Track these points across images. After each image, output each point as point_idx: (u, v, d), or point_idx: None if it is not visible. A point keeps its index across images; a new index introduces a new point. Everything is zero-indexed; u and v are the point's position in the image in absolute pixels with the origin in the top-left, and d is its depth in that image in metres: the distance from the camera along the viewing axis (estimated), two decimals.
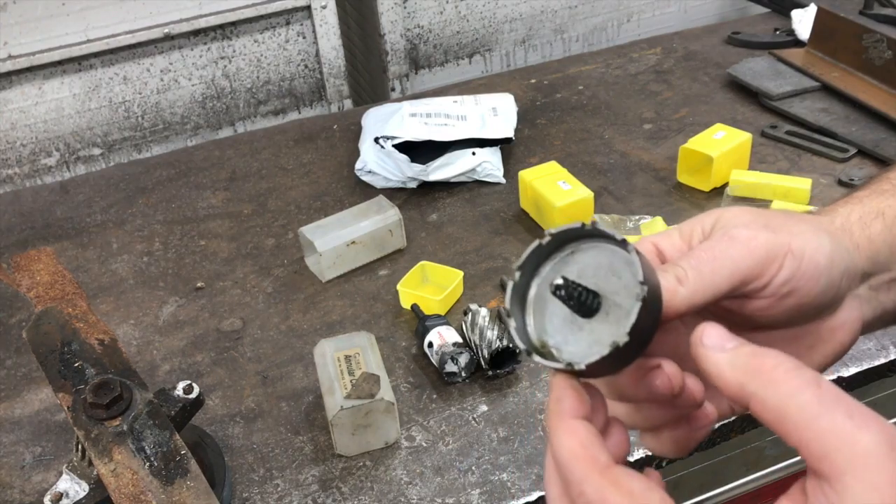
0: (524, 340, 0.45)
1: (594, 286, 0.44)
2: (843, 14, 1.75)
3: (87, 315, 0.92)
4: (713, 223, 0.51)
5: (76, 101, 1.91)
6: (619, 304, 0.43)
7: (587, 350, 0.43)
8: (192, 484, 0.78)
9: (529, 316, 0.46)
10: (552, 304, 0.45)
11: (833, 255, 0.50)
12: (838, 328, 0.53)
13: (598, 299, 0.44)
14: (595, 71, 1.94)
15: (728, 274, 0.46)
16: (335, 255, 1.32)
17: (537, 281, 0.46)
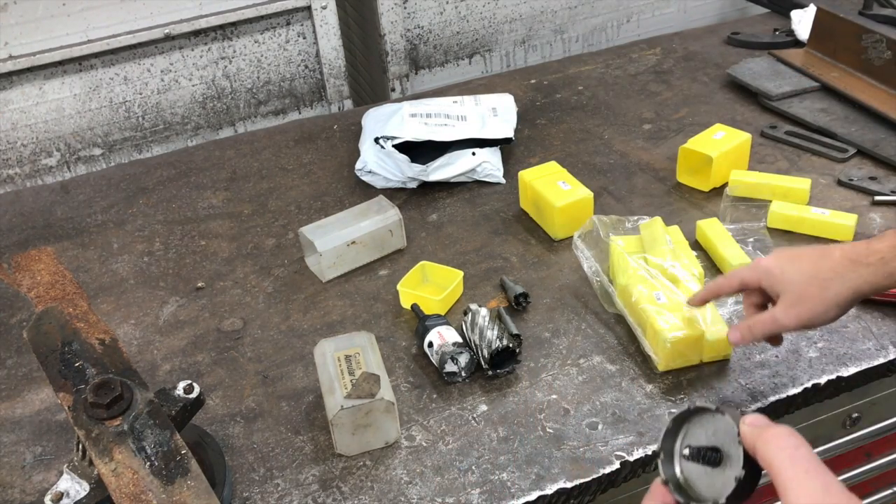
0: (668, 475, 0.64)
1: (718, 444, 0.62)
2: (842, 14, 1.75)
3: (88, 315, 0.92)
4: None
5: (77, 101, 1.91)
6: (733, 460, 0.61)
7: (708, 491, 0.62)
8: (192, 483, 0.78)
9: (676, 457, 0.65)
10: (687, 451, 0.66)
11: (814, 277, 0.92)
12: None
13: (719, 454, 0.62)
14: (595, 71, 1.94)
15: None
16: (335, 255, 1.32)
17: (684, 431, 0.66)
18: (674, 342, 1.06)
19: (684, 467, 0.64)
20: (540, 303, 1.24)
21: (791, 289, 0.93)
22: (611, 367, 1.12)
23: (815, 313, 0.92)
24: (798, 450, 0.56)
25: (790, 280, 0.94)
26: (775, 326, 0.95)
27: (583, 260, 1.24)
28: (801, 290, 0.93)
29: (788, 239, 1.32)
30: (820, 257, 0.94)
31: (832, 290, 0.91)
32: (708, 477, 0.62)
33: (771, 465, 0.56)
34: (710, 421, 0.63)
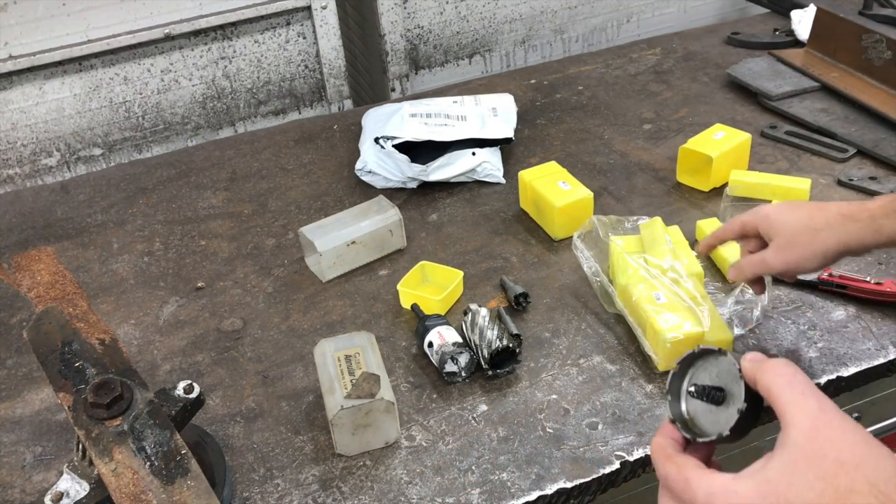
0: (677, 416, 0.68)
1: (723, 384, 0.66)
2: (842, 14, 1.75)
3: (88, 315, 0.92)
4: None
5: (77, 101, 1.91)
6: (735, 398, 0.64)
7: (711, 427, 0.66)
8: (192, 483, 0.78)
9: (682, 397, 0.69)
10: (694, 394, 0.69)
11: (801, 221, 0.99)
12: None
13: (723, 393, 0.66)
14: (595, 71, 1.94)
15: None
16: (335, 255, 1.32)
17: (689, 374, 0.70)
18: (674, 342, 1.06)
19: (689, 406, 0.68)
20: (540, 303, 1.24)
21: (783, 233, 1.00)
22: (611, 367, 1.12)
23: (801, 259, 0.98)
24: (795, 376, 0.59)
25: (784, 226, 1.00)
26: (764, 267, 1.03)
27: (582, 260, 1.24)
28: (792, 236, 0.99)
29: None
30: (816, 209, 1.00)
31: (821, 239, 0.97)
32: (712, 415, 0.66)
33: (770, 391, 0.59)
34: (713, 364, 0.67)
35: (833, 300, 1.19)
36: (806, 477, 0.54)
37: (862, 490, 0.52)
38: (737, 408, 0.63)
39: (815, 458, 0.54)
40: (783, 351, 1.12)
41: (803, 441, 0.55)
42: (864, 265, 1.25)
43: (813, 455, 0.54)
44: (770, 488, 0.55)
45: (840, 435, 0.55)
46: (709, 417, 0.66)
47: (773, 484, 0.55)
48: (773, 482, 0.55)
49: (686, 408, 0.68)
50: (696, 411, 0.67)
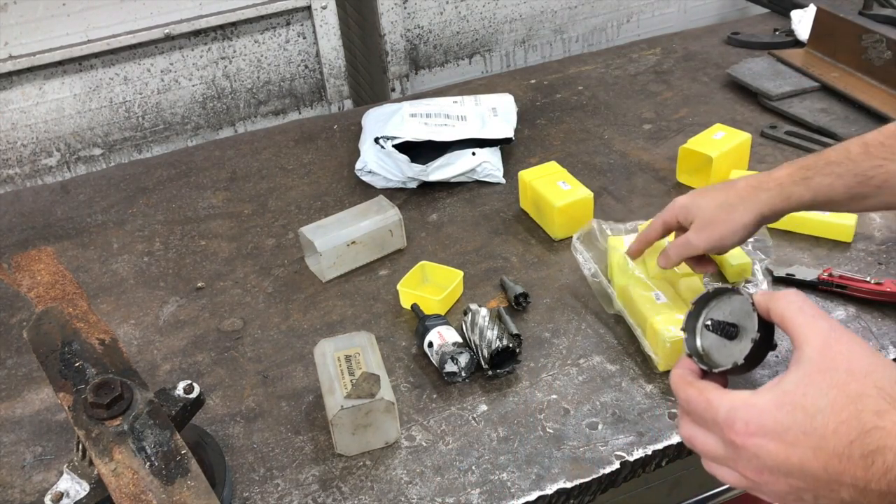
0: (693, 351, 0.71)
1: (735, 320, 0.70)
2: (842, 14, 1.75)
3: (88, 315, 0.92)
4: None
5: (77, 101, 1.91)
6: (748, 333, 0.68)
7: (724, 359, 0.70)
8: (192, 483, 0.78)
9: (697, 334, 0.73)
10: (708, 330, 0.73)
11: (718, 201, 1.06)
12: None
13: (736, 329, 0.69)
14: (595, 71, 1.94)
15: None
16: (335, 255, 1.32)
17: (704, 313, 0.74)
18: (673, 342, 1.06)
19: (704, 342, 0.72)
20: (540, 303, 1.24)
21: (701, 215, 1.06)
22: (611, 367, 1.12)
23: (722, 234, 1.05)
24: (805, 302, 0.64)
25: (700, 209, 1.07)
26: (689, 248, 1.08)
27: (581, 262, 1.24)
28: (710, 216, 1.05)
29: (788, 239, 1.32)
30: (726, 188, 1.07)
31: (737, 213, 1.03)
32: (725, 349, 0.69)
33: (783, 317, 0.64)
34: (727, 302, 0.71)
35: (833, 300, 1.19)
36: (819, 386, 0.58)
37: (871, 394, 0.57)
38: (750, 338, 0.66)
39: (827, 370, 0.59)
40: (783, 350, 1.12)
41: (816, 356, 0.60)
42: (864, 265, 1.25)
43: (826, 368, 0.59)
44: (787, 398, 0.59)
45: (849, 349, 0.60)
46: (722, 351, 0.70)
47: (789, 395, 0.59)
48: (789, 393, 0.59)
49: (701, 343, 0.72)
50: (711, 346, 0.71)
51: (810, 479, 0.58)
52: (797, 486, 0.59)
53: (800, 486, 0.59)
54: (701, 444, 0.65)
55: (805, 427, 0.58)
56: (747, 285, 1.20)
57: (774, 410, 0.59)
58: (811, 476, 0.58)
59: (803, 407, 0.58)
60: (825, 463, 0.57)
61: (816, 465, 0.57)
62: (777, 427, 0.59)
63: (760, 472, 0.60)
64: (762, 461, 0.60)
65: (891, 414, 0.56)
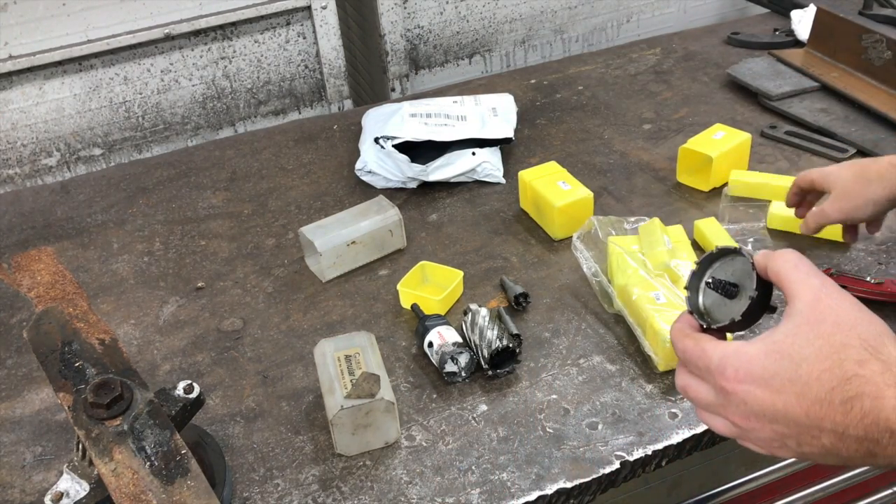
0: (694, 308, 0.73)
1: (736, 280, 0.71)
2: (842, 14, 1.75)
3: (88, 315, 0.92)
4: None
5: (77, 101, 1.91)
6: (747, 292, 0.69)
7: (723, 316, 0.71)
8: (192, 483, 0.78)
9: (700, 292, 0.74)
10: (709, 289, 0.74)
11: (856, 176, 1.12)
12: None
13: (737, 288, 0.71)
14: (595, 71, 1.94)
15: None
16: (335, 255, 1.32)
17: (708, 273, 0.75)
18: None
19: (706, 300, 0.74)
20: (540, 303, 1.24)
21: (839, 185, 1.14)
22: (611, 367, 1.12)
23: (856, 206, 1.12)
24: (801, 260, 0.66)
25: (840, 179, 1.14)
26: (823, 217, 1.16)
27: (582, 261, 1.24)
28: (847, 187, 1.13)
29: (788, 239, 1.32)
30: (870, 162, 1.14)
31: (872, 188, 1.10)
32: (725, 307, 0.72)
33: (778, 274, 0.66)
34: (729, 263, 0.73)
35: None
36: (807, 336, 0.61)
37: (854, 344, 0.59)
38: (748, 296, 0.68)
39: (815, 322, 0.61)
40: None
41: (806, 310, 0.62)
42: (864, 265, 1.25)
43: (814, 320, 0.61)
44: (775, 347, 0.62)
45: (838, 303, 0.62)
46: (722, 309, 0.72)
47: (778, 344, 0.62)
48: (778, 342, 0.62)
49: (703, 301, 0.74)
50: (712, 304, 0.73)
51: (793, 425, 0.61)
52: (781, 433, 0.62)
53: (784, 431, 0.61)
54: (694, 392, 0.68)
55: (790, 374, 0.60)
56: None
57: (763, 358, 0.62)
58: (794, 422, 0.60)
59: (790, 355, 0.61)
60: (807, 409, 0.59)
61: (799, 411, 0.60)
62: (764, 374, 0.61)
63: (747, 417, 0.63)
64: (749, 407, 0.62)
65: (870, 363, 0.58)
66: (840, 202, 1.13)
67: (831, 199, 1.14)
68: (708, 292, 0.74)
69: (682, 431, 1.02)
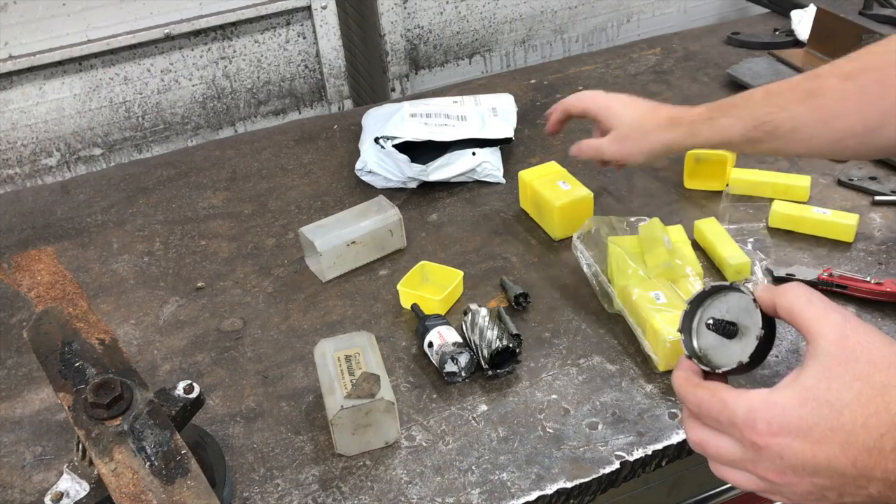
0: (690, 350, 0.70)
1: (734, 318, 0.68)
2: (842, 14, 1.75)
3: (88, 315, 0.92)
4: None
5: (77, 101, 1.92)
6: (749, 330, 0.66)
7: (726, 359, 0.68)
8: (192, 483, 0.78)
9: (694, 334, 0.71)
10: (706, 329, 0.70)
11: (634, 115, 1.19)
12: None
13: (735, 327, 0.67)
14: (595, 71, 1.94)
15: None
16: (335, 255, 1.32)
17: (700, 313, 0.71)
18: (674, 342, 1.06)
19: (702, 342, 0.70)
20: (540, 303, 1.24)
21: (620, 129, 1.20)
22: (611, 367, 1.12)
23: (630, 153, 1.20)
24: (813, 294, 0.62)
25: (621, 121, 1.20)
26: (598, 153, 1.25)
27: (582, 261, 1.24)
28: (626, 133, 1.19)
29: (788, 239, 1.32)
30: (651, 111, 1.19)
31: (649, 140, 1.17)
32: (724, 348, 0.67)
33: (791, 311, 0.62)
34: (723, 300, 0.69)
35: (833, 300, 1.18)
36: (843, 379, 0.56)
37: None
38: (755, 335, 0.64)
39: (848, 361, 0.57)
40: (783, 351, 1.12)
41: (834, 349, 0.58)
42: (864, 265, 1.25)
43: (846, 360, 0.57)
44: (809, 394, 0.57)
45: (867, 339, 0.58)
46: (721, 351, 0.68)
47: (811, 390, 0.57)
48: (811, 388, 0.57)
49: (698, 343, 0.70)
50: (709, 346, 0.69)
51: (837, 477, 0.56)
52: (822, 485, 0.57)
53: (825, 484, 0.57)
54: (714, 448, 0.62)
55: (832, 423, 0.56)
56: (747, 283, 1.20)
57: (798, 407, 0.57)
58: (838, 473, 0.56)
59: (828, 402, 0.56)
60: (854, 458, 0.55)
61: (845, 462, 0.56)
62: (802, 425, 0.57)
63: (783, 472, 0.58)
64: (786, 461, 0.58)
65: None
66: (618, 144, 1.20)
67: (610, 139, 1.21)
68: (704, 333, 0.70)
69: (682, 431, 1.02)
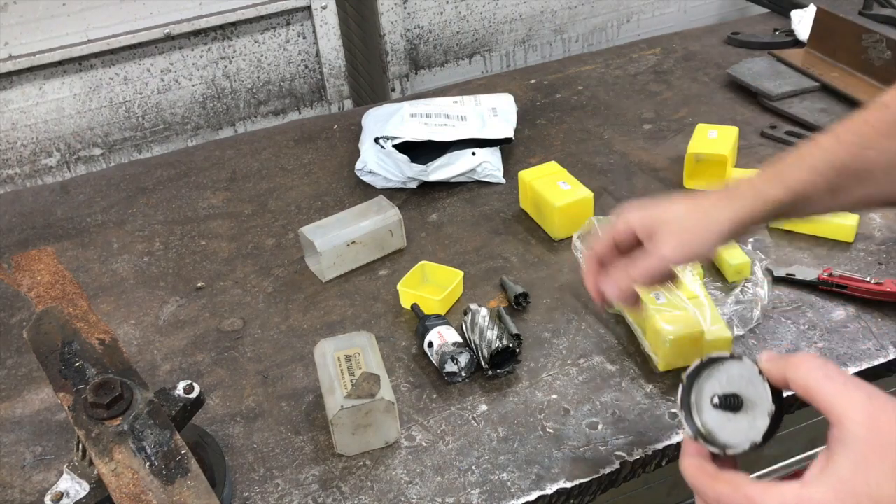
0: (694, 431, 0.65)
1: (736, 390, 0.63)
2: (842, 14, 1.75)
3: (88, 315, 0.92)
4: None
5: (77, 101, 1.91)
6: (755, 403, 0.62)
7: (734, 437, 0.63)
8: (192, 483, 0.78)
9: (694, 411, 0.66)
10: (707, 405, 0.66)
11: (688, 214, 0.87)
12: None
13: (740, 399, 0.63)
14: (595, 71, 1.94)
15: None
16: (335, 255, 1.32)
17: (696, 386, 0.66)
18: (673, 342, 1.06)
19: (704, 419, 0.65)
20: (540, 303, 1.24)
21: (673, 219, 0.87)
22: (611, 367, 1.12)
23: (697, 241, 0.86)
24: (829, 368, 0.57)
25: (672, 213, 0.88)
26: (658, 261, 0.86)
27: (582, 261, 1.24)
28: (682, 221, 0.87)
29: (788, 239, 1.32)
30: (694, 197, 0.90)
31: (713, 216, 0.86)
32: (731, 423, 0.63)
33: (808, 388, 0.57)
34: (721, 370, 0.65)
35: (833, 300, 1.19)
36: (881, 469, 0.52)
37: None
38: (767, 411, 0.60)
39: (883, 447, 0.53)
40: (783, 351, 1.12)
41: (864, 433, 0.53)
42: (864, 265, 1.25)
43: (881, 445, 0.53)
44: (847, 487, 0.53)
45: None
46: (727, 428, 0.63)
47: (848, 483, 0.53)
48: (848, 481, 0.53)
49: (700, 421, 0.65)
50: (713, 423, 0.64)
51: None
52: None
53: None
54: None
55: None
56: (747, 284, 1.20)
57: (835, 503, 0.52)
58: None
59: (869, 496, 0.52)
60: None
61: None
62: None
63: None
64: None
65: None
66: (678, 236, 0.86)
67: (664, 236, 0.87)
68: (707, 409, 0.65)
69: (682, 432, 1.02)
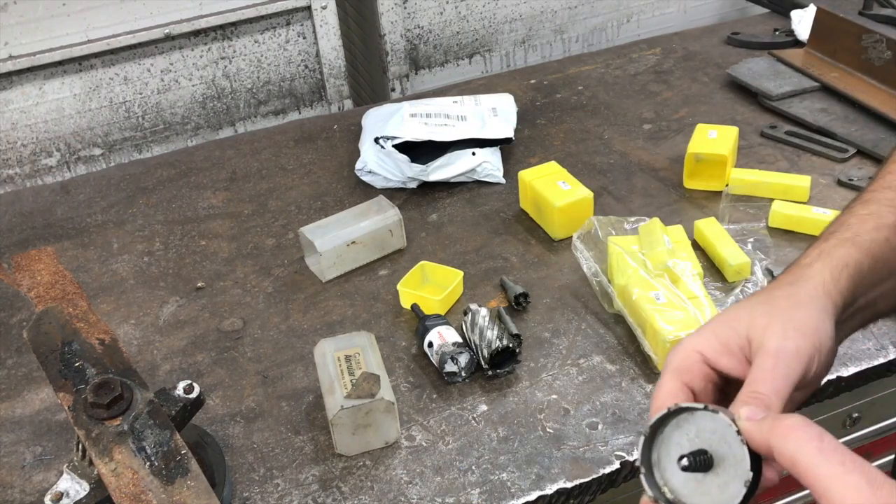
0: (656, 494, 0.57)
1: (706, 445, 0.55)
2: (842, 14, 1.75)
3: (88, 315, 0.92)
4: (747, 334, 0.63)
5: (77, 101, 1.91)
6: (728, 464, 0.54)
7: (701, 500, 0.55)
8: (192, 483, 0.78)
9: (656, 469, 0.57)
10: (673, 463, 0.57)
11: (830, 331, 0.63)
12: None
13: (711, 457, 0.55)
14: (595, 71, 1.94)
15: (791, 384, 0.59)
16: (335, 255, 1.32)
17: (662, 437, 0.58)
18: (674, 342, 1.06)
19: (668, 478, 0.56)
20: (540, 303, 1.24)
21: (775, 318, 0.63)
22: (611, 367, 1.12)
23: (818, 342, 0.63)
24: (822, 440, 0.50)
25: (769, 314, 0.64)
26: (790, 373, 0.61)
27: (582, 261, 1.24)
28: (786, 313, 0.63)
29: (788, 239, 1.32)
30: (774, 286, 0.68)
31: (815, 307, 0.64)
32: (699, 485, 0.55)
33: (796, 463, 0.50)
34: (690, 422, 0.56)
35: None
36: None
37: None
38: (742, 479, 0.53)
39: None
40: None
41: None
42: None
43: None
44: None
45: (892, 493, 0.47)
46: (695, 489, 0.55)
47: None
48: None
49: (663, 480, 0.56)
50: (678, 483, 0.56)
51: None
52: None
53: None
54: None
55: None
56: (747, 284, 1.20)
57: None
58: None
59: None
60: None
61: None
62: None
63: None
64: None
65: None
66: (794, 341, 0.61)
67: (780, 337, 0.61)
68: (673, 469, 0.56)
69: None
